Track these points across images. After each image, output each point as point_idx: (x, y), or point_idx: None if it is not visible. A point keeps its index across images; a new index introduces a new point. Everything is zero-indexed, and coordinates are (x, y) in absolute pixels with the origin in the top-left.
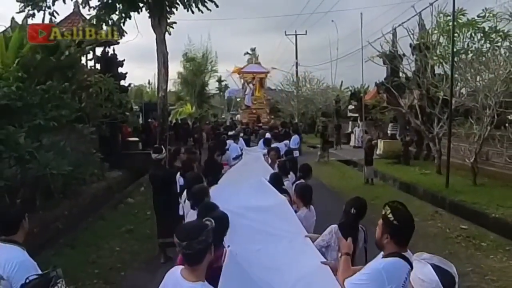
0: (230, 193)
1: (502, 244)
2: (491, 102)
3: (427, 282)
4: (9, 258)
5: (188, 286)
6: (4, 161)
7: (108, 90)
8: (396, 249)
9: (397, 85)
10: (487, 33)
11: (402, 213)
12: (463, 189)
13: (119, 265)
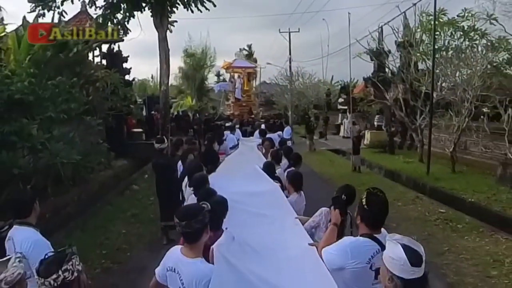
0: (227, 180)
1: (476, 226)
2: (469, 96)
3: (396, 260)
4: (24, 238)
5: (188, 261)
6: (18, 151)
7: (114, 84)
8: (367, 231)
9: (383, 80)
10: (466, 32)
11: (375, 199)
12: (443, 176)
13: (125, 246)
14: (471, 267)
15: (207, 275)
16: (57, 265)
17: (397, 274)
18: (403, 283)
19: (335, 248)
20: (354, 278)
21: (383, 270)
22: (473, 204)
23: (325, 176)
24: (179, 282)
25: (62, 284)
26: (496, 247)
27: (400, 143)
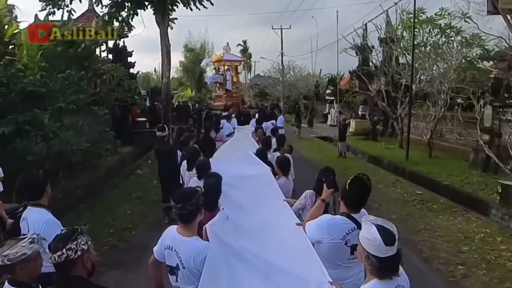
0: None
1: (450, 206)
2: (445, 88)
3: (372, 240)
4: (37, 218)
5: (185, 240)
6: (31, 139)
7: (119, 77)
8: (346, 210)
9: (367, 73)
10: (443, 29)
11: (356, 182)
12: (420, 161)
13: (130, 226)
14: (444, 243)
15: (204, 252)
16: (63, 243)
17: (373, 253)
18: (379, 261)
19: (314, 224)
20: (330, 252)
21: (359, 249)
22: (447, 186)
23: (314, 161)
24: (176, 259)
25: (65, 261)
26: (467, 225)
27: (382, 130)
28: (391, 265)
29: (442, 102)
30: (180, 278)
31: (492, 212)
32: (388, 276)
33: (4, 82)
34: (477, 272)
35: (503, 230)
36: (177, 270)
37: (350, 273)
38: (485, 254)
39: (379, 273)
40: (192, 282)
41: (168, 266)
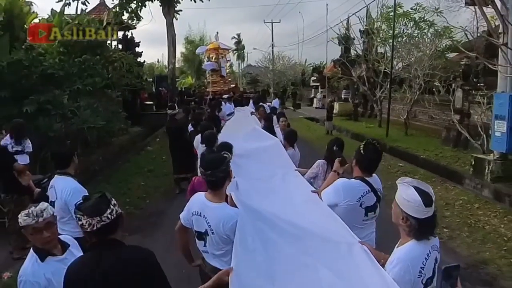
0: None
1: (429, 176)
2: (420, 74)
3: (411, 202)
4: (65, 186)
5: (214, 206)
6: (52, 117)
7: (129, 64)
8: (360, 174)
9: (350, 61)
10: (417, 22)
11: (371, 147)
12: (398, 138)
13: (144, 195)
14: None
15: (233, 217)
16: (105, 203)
17: (412, 215)
18: (418, 222)
19: (331, 188)
20: (346, 214)
21: (396, 211)
22: (425, 159)
23: (305, 138)
24: (205, 225)
25: (116, 217)
26: (447, 193)
27: (362, 112)
28: (428, 226)
29: (417, 86)
30: (208, 243)
31: (467, 182)
32: (426, 236)
33: (26, 65)
34: (461, 234)
35: (478, 198)
36: (206, 236)
37: (364, 233)
38: (466, 218)
39: (417, 234)
40: (221, 248)
41: (196, 231)
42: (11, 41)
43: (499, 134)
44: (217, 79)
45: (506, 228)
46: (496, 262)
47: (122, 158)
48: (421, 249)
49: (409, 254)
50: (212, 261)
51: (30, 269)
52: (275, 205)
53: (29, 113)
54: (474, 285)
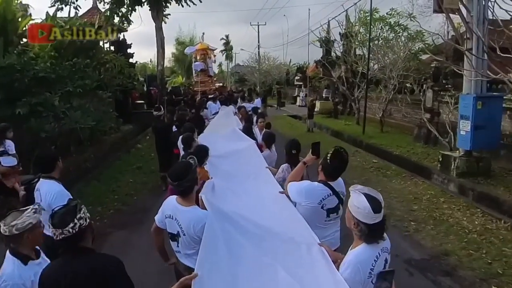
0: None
1: (400, 172)
2: (394, 75)
3: (361, 209)
4: (49, 189)
5: (185, 209)
6: (44, 118)
7: (120, 65)
8: (324, 178)
9: (330, 62)
10: (392, 26)
11: (336, 155)
12: (374, 135)
13: (132, 192)
14: (398, 203)
15: (203, 220)
16: (71, 215)
17: (362, 221)
18: (367, 228)
19: (295, 187)
20: (308, 214)
21: (348, 217)
22: (397, 155)
23: (287, 135)
24: (177, 227)
25: (79, 230)
26: (415, 188)
27: (342, 110)
28: (378, 230)
29: (392, 86)
30: (180, 244)
31: (434, 177)
32: (375, 240)
33: (18, 69)
34: (426, 227)
35: (444, 192)
36: (178, 237)
37: (327, 233)
38: (432, 212)
39: (367, 238)
40: (193, 247)
41: (170, 233)
42: (5, 46)
43: (464, 133)
44: (205, 78)
45: (468, 221)
46: (457, 253)
47: (113, 156)
48: (371, 252)
49: (359, 257)
50: (185, 261)
51: (16, 272)
52: (246, 206)
53: (22, 115)
54: (435, 276)
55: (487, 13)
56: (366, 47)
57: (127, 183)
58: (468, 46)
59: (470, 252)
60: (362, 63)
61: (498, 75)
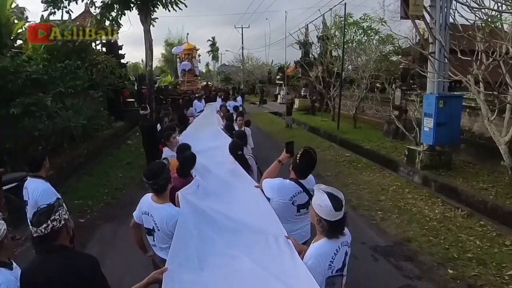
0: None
1: (370, 165)
2: (366, 75)
3: (323, 207)
4: (36, 187)
5: (159, 206)
6: (37, 118)
7: (112, 66)
8: (294, 176)
9: (308, 63)
10: (365, 30)
11: (305, 155)
12: (348, 130)
13: (121, 186)
14: (367, 194)
15: (175, 216)
16: (46, 216)
17: (324, 218)
18: (328, 224)
19: (268, 184)
20: (280, 209)
21: (312, 214)
22: (368, 149)
23: (267, 131)
24: (152, 223)
25: (51, 231)
26: (383, 180)
27: (319, 107)
28: (338, 227)
29: (364, 85)
30: (156, 238)
31: (401, 169)
32: (336, 236)
33: (11, 70)
34: (391, 216)
35: (409, 183)
36: (154, 232)
37: (298, 226)
38: (397, 202)
39: (328, 233)
40: (166, 242)
41: (146, 228)
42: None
43: (427, 129)
44: (192, 78)
45: (429, 210)
46: (418, 240)
47: (104, 152)
48: (331, 246)
49: (320, 250)
50: (160, 253)
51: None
52: (223, 200)
53: (16, 114)
54: (398, 261)
55: (449, 19)
56: (341, 49)
57: (117, 178)
58: (431, 50)
59: (430, 238)
60: (337, 64)
61: (457, 77)
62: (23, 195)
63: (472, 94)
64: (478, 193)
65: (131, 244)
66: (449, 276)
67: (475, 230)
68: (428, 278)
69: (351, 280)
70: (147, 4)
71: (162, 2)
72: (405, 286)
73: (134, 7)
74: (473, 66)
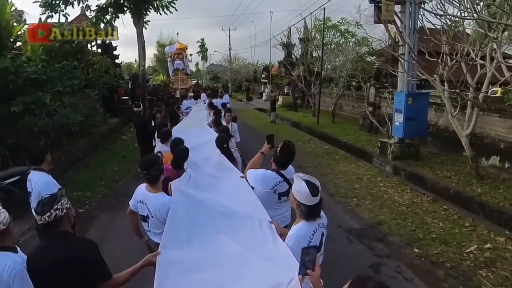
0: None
1: (347, 156)
2: (344, 74)
3: (302, 193)
4: (39, 179)
5: (152, 195)
6: (37, 115)
7: (106, 66)
8: (275, 167)
9: (290, 63)
10: (343, 33)
11: (284, 148)
12: (327, 125)
13: (118, 178)
14: (343, 183)
15: (167, 204)
16: (49, 205)
17: (302, 202)
18: (306, 208)
19: (252, 174)
20: (263, 197)
21: (292, 199)
22: (345, 142)
23: (252, 125)
24: (146, 210)
25: (54, 219)
26: (358, 170)
27: (300, 104)
28: (315, 210)
29: (342, 84)
30: (150, 224)
31: (374, 160)
32: (313, 218)
33: (12, 71)
34: (365, 202)
35: (381, 173)
36: (148, 219)
37: (279, 212)
38: (370, 189)
39: (306, 216)
40: (159, 227)
41: (141, 215)
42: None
43: (398, 124)
44: (184, 77)
45: (399, 196)
46: (388, 223)
47: (101, 146)
48: (309, 228)
49: (299, 231)
50: (154, 238)
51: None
52: (213, 190)
53: (17, 112)
54: (370, 242)
55: (417, 24)
56: (321, 50)
57: (113, 170)
58: (401, 51)
59: (399, 221)
60: (317, 64)
61: (424, 76)
62: (26, 187)
63: (438, 92)
64: (442, 181)
65: (128, 230)
66: (415, 255)
67: (439, 214)
68: (396, 256)
69: (328, 259)
70: (139, 8)
71: (154, 6)
72: (376, 264)
73: (127, 11)
74: (439, 66)
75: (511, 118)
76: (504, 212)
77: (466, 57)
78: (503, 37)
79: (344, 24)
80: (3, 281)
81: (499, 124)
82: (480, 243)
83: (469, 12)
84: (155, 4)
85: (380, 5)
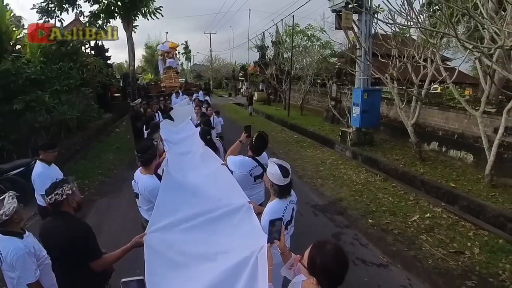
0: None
1: (313, 144)
2: (310, 73)
3: (275, 174)
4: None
5: (142, 176)
6: (37, 112)
7: (99, 66)
8: (251, 154)
9: (264, 63)
10: (309, 37)
11: (259, 137)
12: (296, 117)
13: (112, 167)
14: (310, 166)
15: (151, 186)
16: (52, 190)
17: (275, 183)
18: (279, 188)
19: (232, 160)
20: (241, 179)
21: (266, 180)
22: (311, 132)
23: (233, 118)
24: (137, 188)
25: (55, 202)
26: (322, 155)
27: (273, 99)
28: (286, 190)
29: (308, 81)
30: (140, 200)
31: (336, 147)
32: (284, 196)
33: (13, 72)
34: (328, 182)
35: (342, 157)
36: (139, 195)
37: (254, 192)
38: (333, 171)
39: (279, 195)
40: (147, 204)
41: (135, 192)
42: (0, 53)
43: (355, 115)
44: (175, 75)
45: (356, 177)
46: (348, 199)
47: (96, 139)
48: (281, 204)
49: (273, 208)
50: (144, 214)
51: (20, 244)
52: (197, 176)
53: (18, 110)
54: (332, 215)
55: (371, 30)
56: (290, 52)
57: (108, 160)
58: (358, 54)
59: (356, 197)
60: (287, 64)
61: (377, 75)
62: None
63: (388, 89)
64: (392, 163)
65: (123, 213)
66: (369, 224)
67: (389, 190)
68: (354, 226)
69: (298, 231)
70: (129, 14)
71: (142, 12)
72: (337, 233)
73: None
74: (389, 67)
75: (447, 111)
76: (441, 188)
77: (411, 59)
78: (441, 43)
79: (310, 29)
80: (7, 262)
81: (438, 115)
82: (422, 213)
83: (414, 22)
84: (143, 11)
85: (340, 14)
